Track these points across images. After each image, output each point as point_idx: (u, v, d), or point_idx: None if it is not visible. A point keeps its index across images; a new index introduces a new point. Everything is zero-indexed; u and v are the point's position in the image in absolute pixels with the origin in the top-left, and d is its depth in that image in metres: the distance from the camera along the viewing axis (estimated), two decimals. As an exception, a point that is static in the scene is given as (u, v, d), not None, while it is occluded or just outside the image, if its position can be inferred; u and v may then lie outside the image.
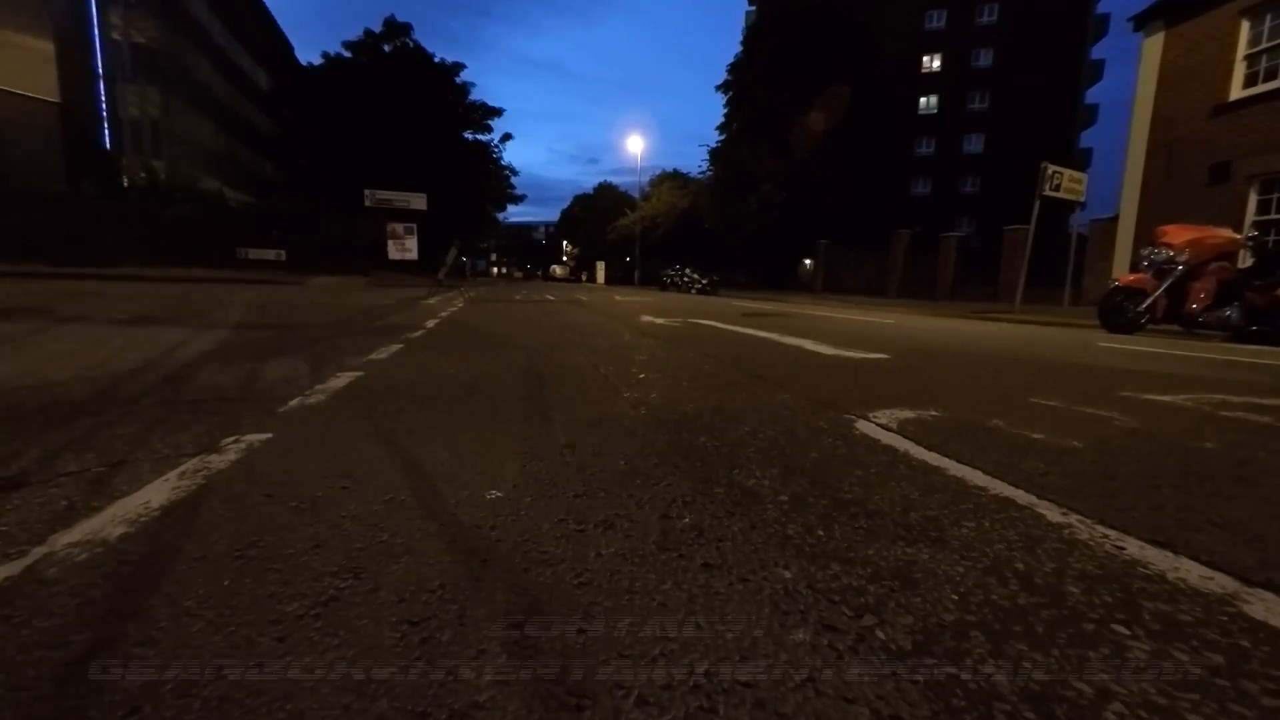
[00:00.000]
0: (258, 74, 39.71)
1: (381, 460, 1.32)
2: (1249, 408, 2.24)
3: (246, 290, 9.59)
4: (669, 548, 0.93)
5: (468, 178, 31.40)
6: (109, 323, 3.97)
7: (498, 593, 0.78)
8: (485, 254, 74.99)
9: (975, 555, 0.93)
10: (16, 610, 0.72)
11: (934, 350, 4.04)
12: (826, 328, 5.76)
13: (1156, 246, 6.67)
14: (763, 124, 25.58)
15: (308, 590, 0.78)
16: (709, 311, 8.36)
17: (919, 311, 10.48)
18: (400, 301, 8.27)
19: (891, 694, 0.61)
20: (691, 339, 4.30)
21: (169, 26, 29.37)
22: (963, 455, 1.47)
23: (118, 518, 0.98)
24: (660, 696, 0.60)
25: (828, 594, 0.80)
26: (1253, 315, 5.88)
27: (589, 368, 2.76)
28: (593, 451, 1.43)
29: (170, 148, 29.52)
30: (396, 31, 31.15)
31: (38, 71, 18.29)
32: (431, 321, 5.12)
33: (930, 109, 35.82)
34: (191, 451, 1.33)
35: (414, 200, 19.94)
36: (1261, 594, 0.83)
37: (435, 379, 2.37)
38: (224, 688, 0.59)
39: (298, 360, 2.69)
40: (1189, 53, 10.96)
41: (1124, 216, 12.11)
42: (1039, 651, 0.69)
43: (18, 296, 5.89)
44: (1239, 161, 10.01)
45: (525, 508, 1.08)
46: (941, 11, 34.91)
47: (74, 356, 2.54)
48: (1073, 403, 2.21)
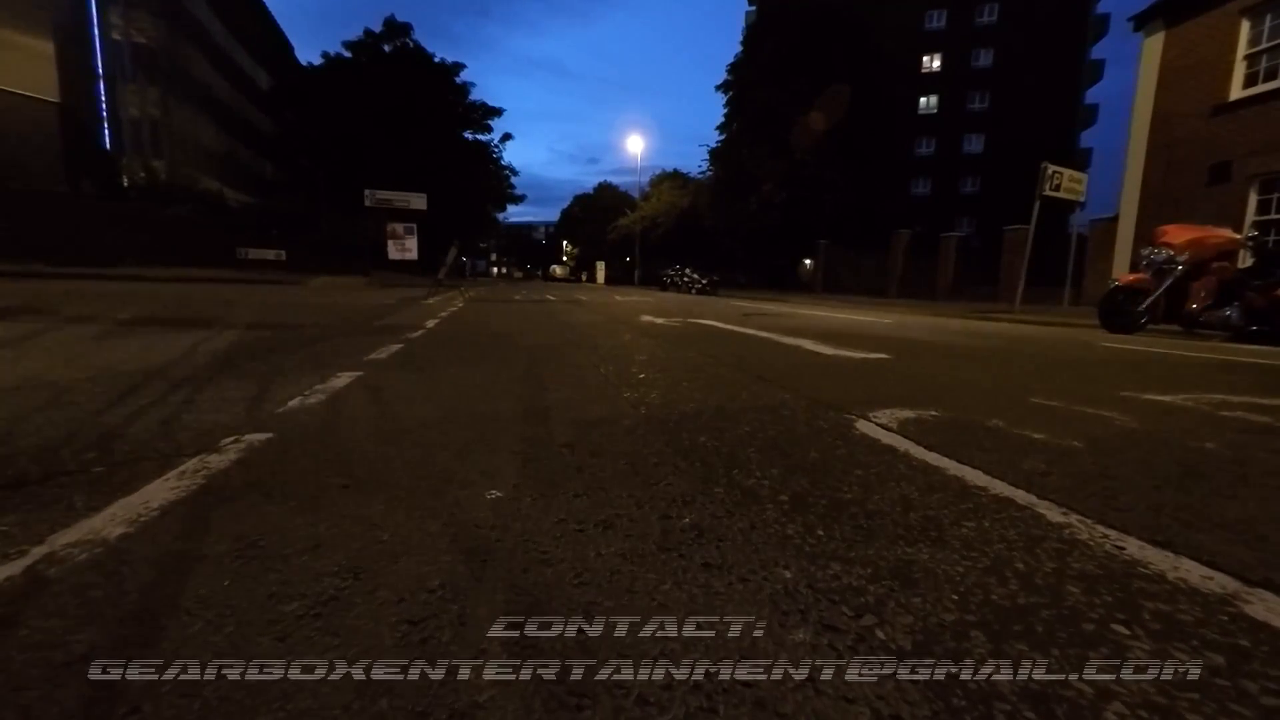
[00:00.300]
0: (258, 74, 39.70)
1: (381, 460, 1.32)
2: (1249, 408, 2.24)
3: (246, 290, 9.59)
4: (669, 548, 0.93)
5: (468, 178, 31.40)
6: (110, 323, 3.97)
7: (498, 593, 0.78)
8: (485, 254, 74.98)
9: (975, 555, 0.93)
10: (16, 610, 0.72)
11: (934, 350, 4.04)
12: (827, 327, 5.76)
13: (1156, 246, 6.67)
14: (763, 124, 25.58)
15: (308, 590, 0.78)
16: (709, 311, 8.36)
17: (919, 311, 10.48)
18: (400, 301, 8.27)
19: (891, 694, 0.61)
20: (691, 339, 4.30)
21: (169, 26, 29.37)
22: (963, 455, 1.47)
23: (118, 518, 0.98)
24: (660, 696, 0.60)
25: (828, 594, 0.80)
26: (1253, 315, 5.88)
27: (589, 367, 2.76)
28: (593, 451, 1.43)
29: (170, 148, 29.53)
30: (396, 31, 31.15)
31: (38, 71, 18.29)
32: (431, 321, 5.12)
33: (930, 109, 35.81)
34: (191, 451, 1.33)
35: (414, 200, 19.94)
36: (1261, 594, 0.83)
37: (435, 378, 2.37)
38: (224, 688, 0.59)
39: (298, 360, 2.69)
40: (1189, 52, 10.96)
41: (1124, 216, 12.11)
42: (1039, 651, 0.69)
43: (19, 297, 5.89)
44: (1239, 161, 10.01)
45: (525, 508, 1.08)
46: (941, 11, 34.91)
47: (74, 358, 2.54)
48: (1073, 403, 2.21)
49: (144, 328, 3.79)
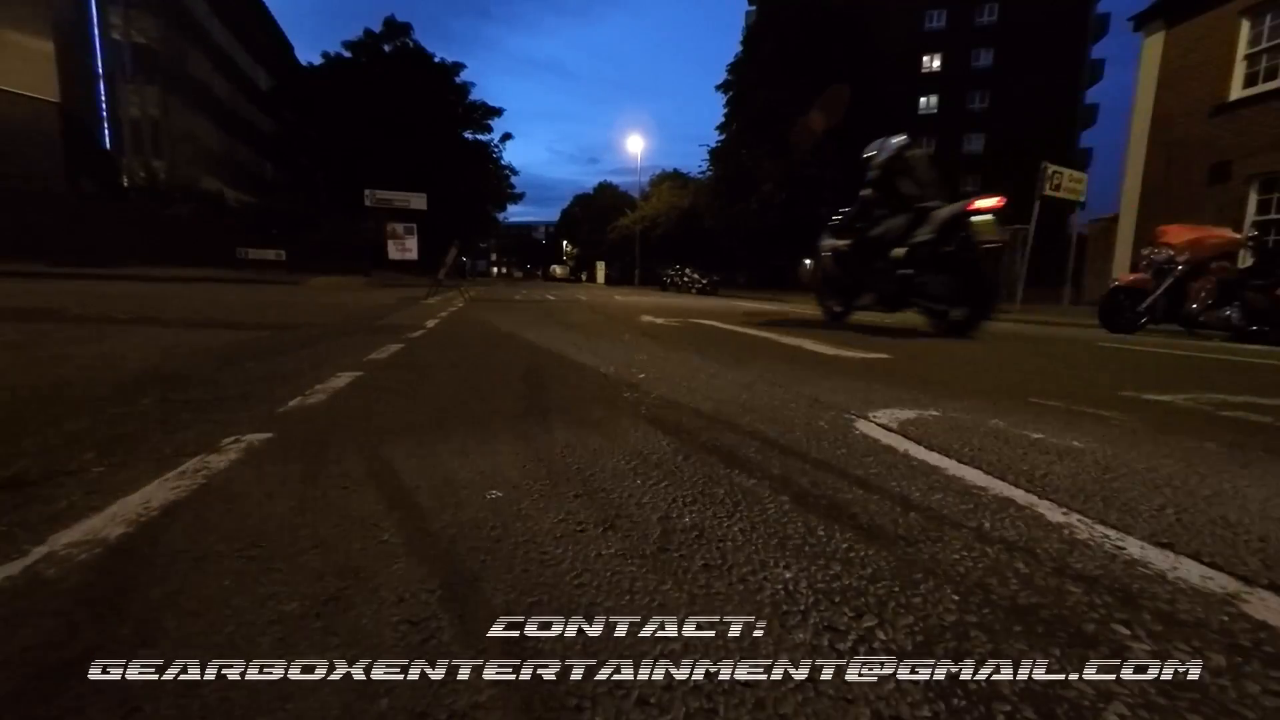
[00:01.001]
0: (258, 74, 39.71)
1: (381, 460, 1.32)
2: (1249, 408, 2.24)
3: (246, 290, 9.59)
4: (669, 548, 0.93)
5: (468, 178, 31.42)
6: (112, 322, 3.97)
7: (498, 593, 0.78)
8: (485, 254, 74.97)
9: (975, 555, 0.93)
10: (16, 610, 0.72)
11: (934, 350, 4.04)
12: (826, 327, 5.76)
13: (1156, 246, 6.67)
14: (763, 124, 25.59)
15: (308, 590, 0.77)
16: (709, 311, 8.36)
17: (919, 311, 10.47)
18: (400, 301, 8.27)
19: (891, 694, 0.61)
20: (691, 339, 4.30)
21: (169, 26, 29.37)
22: (963, 455, 1.47)
23: (118, 518, 0.98)
24: (660, 696, 0.60)
25: (828, 594, 0.80)
26: (1253, 315, 5.88)
27: (589, 367, 2.76)
28: (593, 451, 1.43)
29: (170, 148, 29.53)
30: (396, 31, 31.16)
31: (38, 71, 18.30)
32: (432, 321, 5.12)
33: (930, 109, 35.83)
34: (191, 451, 1.33)
35: (414, 200, 19.96)
36: (1262, 594, 0.83)
37: (436, 378, 2.37)
38: (224, 688, 0.59)
39: (298, 360, 2.69)
40: (1189, 52, 10.96)
41: (1124, 216, 12.11)
42: (1039, 651, 0.69)
43: (22, 297, 5.89)
44: (1239, 161, 10.01)
45: (525, 508, 1.08)
46: (941, 11, 34.92)
47: (74, 357, 2.54)
48: (1073, 403, 2.21)
49: (144, 327, 3.79)
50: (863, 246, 5.79)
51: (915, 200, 5.36)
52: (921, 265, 5.13)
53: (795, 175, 24.48)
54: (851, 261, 5.98)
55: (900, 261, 5.23)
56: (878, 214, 5.67)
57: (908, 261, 5.18)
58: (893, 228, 5.44)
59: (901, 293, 5.41)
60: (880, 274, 5.53)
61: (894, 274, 5.31)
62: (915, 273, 5.18)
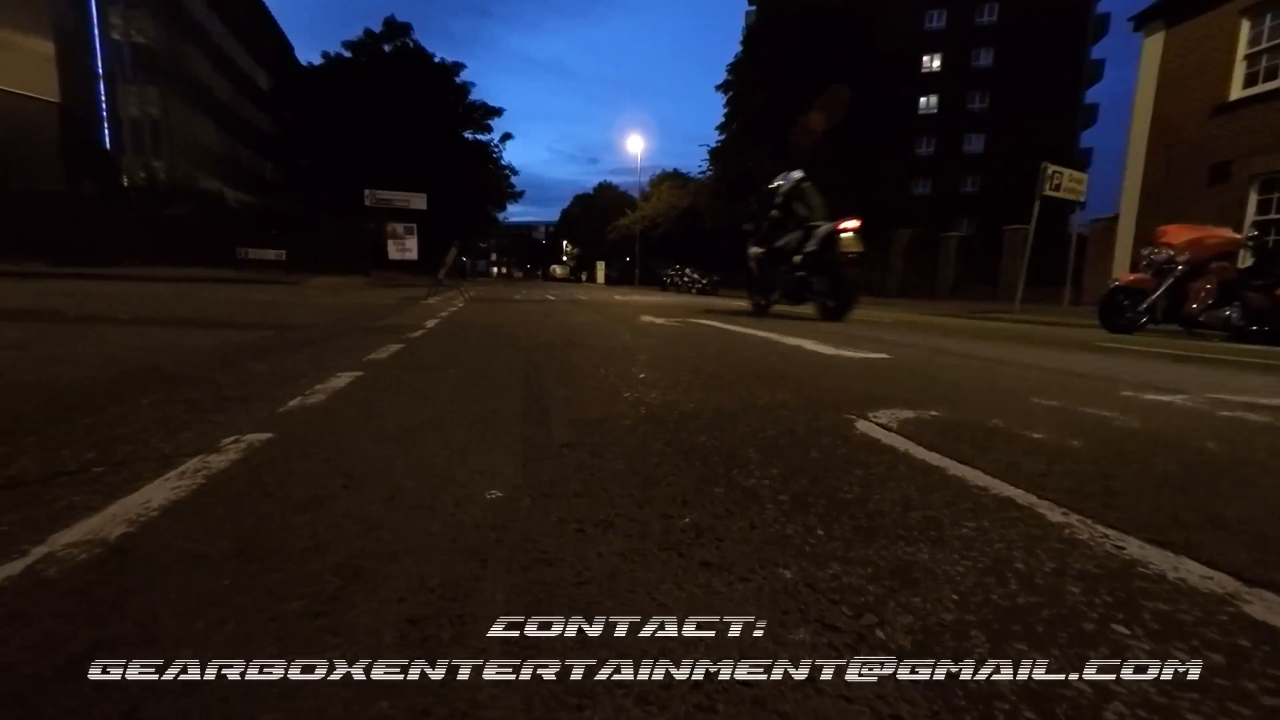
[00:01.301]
0: (258, 74, 39.71)
1: (381, 460, 1.32)
2: (1249, 408, 2.24)
3: (246, 290, 9.59)
4: (669, 547, 0.93)
5: (468, 178, 31.43)
6: (112, 322, 3.97)
7: (498, 593, 0.78)
8: (485, 254, 74.95)
9: (975, 555, 0.93)
10: (16, 610, 0.72)
11: (934, 350, 4.04)
12: (826, 327, 5.76)
13: (1156, 246, 6.67)
14: (763, 124, 25.58)
15: (308, 590, 0.77)
16: (709, 311, 8.36)
17: (919, 311, 10.48)
18: (400, 301, 8.27)
19: (891, 694, 0.61)
20: (691, 339, 4.30)
21: (169, 26, 29.37)
22: (963, 455, 1.47)
23: (118, 518, 0.98)
24: (660, 696, 0.60)
25: (828, 594, 0.80)
26: (1253, 315, 5.88)
27: (589, 367, 2.76)
28: (593, 451, 1.43)
29: (170, 148, 29.52)
30: (396, 31, 31.17)
31: (38, 71, 18.31)
32: (432, 321, 5.12)
33: (930, 109, 35.83)
34: (191, 451, 1.33)
35: (414, 200, 19.94)
36: (1261, 594, 0.83)
37: (435, 378, 2.37)
38: (224, 688, 0.59)
39: (298, 360, 2.69)
40: (1189, 52, 10.96)
41: (1124, 216, 12.11)
42: (1039, 651, 0.69)
43: (22, 297, 5.89)
44: (1239, 161, 10.01)
45: (525, 508, 1.08)
46: (941, 11, 34.92)
47: (74, 357, 2.54)
48: (1073, 403, 2.21)
49: (144, 327, 3.79)
50: (773, 255, 7.73)
51: (806, 220, 7.27)
52: (810, 269, 6.96)
53: (795, 175, 24.48)
54: (766, 266, 7.92)
55: (797, 266, 7.11)
56: (782, 231, 7.62)
57: (802, 266, 7.04)
58: (791, 241, 7.33)
59: (799, 290, 7.28)
60: (784, 276, 7.45)
61: (794, 276, 7.20)
62: (807, 274, 7.03)
